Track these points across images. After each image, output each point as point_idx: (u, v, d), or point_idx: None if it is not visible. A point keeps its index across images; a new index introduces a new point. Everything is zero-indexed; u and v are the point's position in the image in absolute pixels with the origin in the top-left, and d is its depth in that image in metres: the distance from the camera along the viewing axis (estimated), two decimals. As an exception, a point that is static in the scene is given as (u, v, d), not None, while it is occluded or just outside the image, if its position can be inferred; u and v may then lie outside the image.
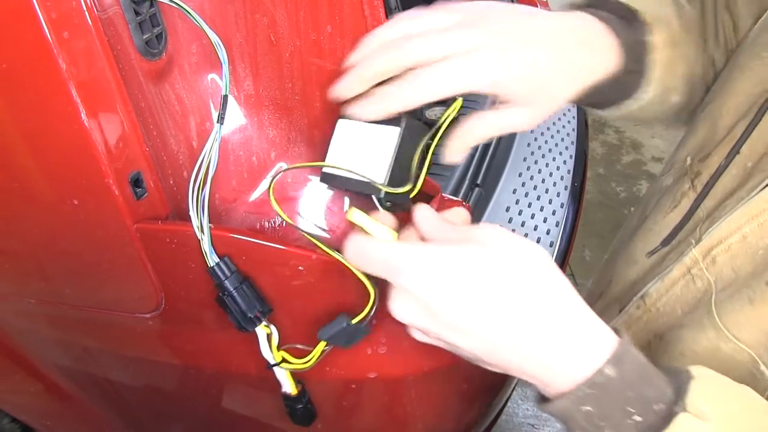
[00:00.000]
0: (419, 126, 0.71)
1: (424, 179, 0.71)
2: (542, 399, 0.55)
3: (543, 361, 0.51)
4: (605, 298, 0.90)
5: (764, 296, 0.59)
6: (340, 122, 0.72)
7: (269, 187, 0.75)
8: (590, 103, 0.78)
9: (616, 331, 0.53)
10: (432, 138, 0.72)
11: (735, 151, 0.70)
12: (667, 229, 0.78)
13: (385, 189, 0.67)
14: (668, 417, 0.48)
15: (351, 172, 0.69)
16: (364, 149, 0.70)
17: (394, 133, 0.69)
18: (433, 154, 0.72)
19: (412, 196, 0.70)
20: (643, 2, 0.76)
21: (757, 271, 0.63)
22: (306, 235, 0.69)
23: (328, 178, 0.72)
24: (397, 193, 0.67)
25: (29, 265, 0.83)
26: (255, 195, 0.82)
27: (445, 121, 0.72)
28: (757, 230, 0.63)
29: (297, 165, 0.81)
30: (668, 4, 0.81)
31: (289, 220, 0.69)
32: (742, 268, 0.64)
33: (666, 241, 0.77)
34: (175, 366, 0.93)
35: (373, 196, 0.70)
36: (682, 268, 0.71)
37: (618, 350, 0.51)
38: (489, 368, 0.55)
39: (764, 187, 0.64)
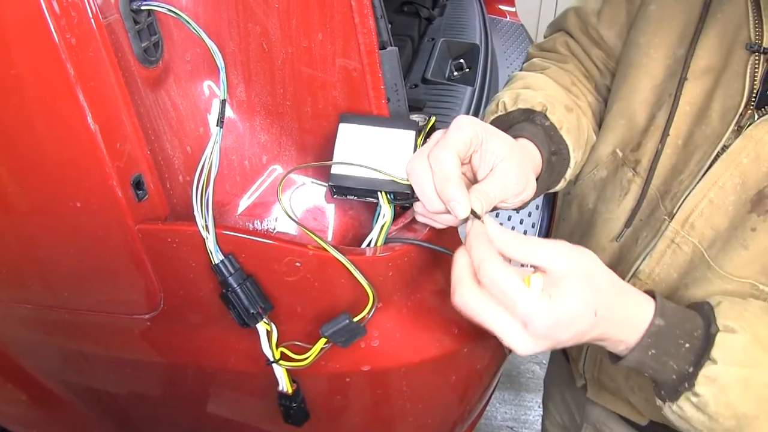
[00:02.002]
0: (418, 129, 0.78)
1: None
2: (615, 359, 0.72)
3: (616, 326, 0.67)
4: None
5: (754, 240, 0.76)
6: (342, 126, 0.77)
7: (279, 185, 0.79)
8: (549, 186, 0.94)
9: (650, 292, 0.71)
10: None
11: (666, 134, 0.86)
12: (625, 214, 0.92)
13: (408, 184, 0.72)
14: (707, 338, 0.68)
15: (375, 170, 0.74)
16: (377, 152, 0.76)
17: (410, 135, 0.76)
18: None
19: None
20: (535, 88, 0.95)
21: (735, 223, 0.78)
22: (310, 234, 0.73)
23: (337, 179, 0.75)
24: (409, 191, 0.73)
25: (29, 269, 0.85)
26: (248, 198, 0.85)
27: (426, 126, 0.82)
28: (720, 192, 0.79)
29: (313, 164, 0.84)
30: (549, 83, 0.98)
31: (294, 218, 0.73)
32: (720, 225, 0.80)
33: (628, 223, 0.91)
34: (170, 366, 0.94)
35: (383, 195, 0.75)
36: (665, 241, 0.85)
37: (659, 305, 0.68)
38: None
39: (714, 159, 0.80)
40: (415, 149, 0.76)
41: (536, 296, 0.62)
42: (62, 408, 1.14)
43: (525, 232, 1.40)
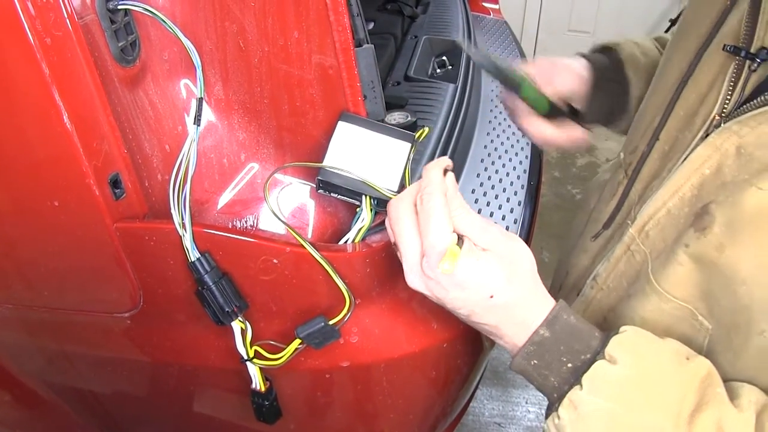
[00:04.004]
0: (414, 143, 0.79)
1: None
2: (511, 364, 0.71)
3: (512, 325, 0.68)
4: (565, 288, 0.98)
5: (687, 257, 0.71)
6: (341, 124, 0.77)
7: (266, 183, 0.79)
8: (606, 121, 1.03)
9: (558, 302, 0.69)
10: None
11: (654, 138, 0.83)
12: (608, 215, 0.89)
13: (392, 197, 0.73)
14: (591, 363, 0.64)
15: (363, 180, 0.75)
16: (370, 156, 0.77)
17: (405, 147, 0.77)
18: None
19: None
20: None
21: (680, 237, 0.73)
22: (293, 233, 0.73)
23: (327, 175, 0.76)
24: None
25: (7, 268, 0.85)
26: (226, 196, 0.85)
27: (419, 138, 0.82)
28: (678, 203, 0.74)
29: (304, 163, 0.84)
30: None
31: (280, 217, 0.73)
32: (670, 237, 0.75)
33: (606, 224, 0.89)
34: (151, 364, 0.95)
35: (367, 200, 0.77)
36: (623, 247, 0.81)
37: (549, 316, 0.67)
38: (477, 326, 0.70)
39: (679, 165, 0.75)
40: (407, 162, 0.77)
41: (449, 241, 0.64)
42: (45, 408, 1.14)
43: (507, 228, 1.41)
